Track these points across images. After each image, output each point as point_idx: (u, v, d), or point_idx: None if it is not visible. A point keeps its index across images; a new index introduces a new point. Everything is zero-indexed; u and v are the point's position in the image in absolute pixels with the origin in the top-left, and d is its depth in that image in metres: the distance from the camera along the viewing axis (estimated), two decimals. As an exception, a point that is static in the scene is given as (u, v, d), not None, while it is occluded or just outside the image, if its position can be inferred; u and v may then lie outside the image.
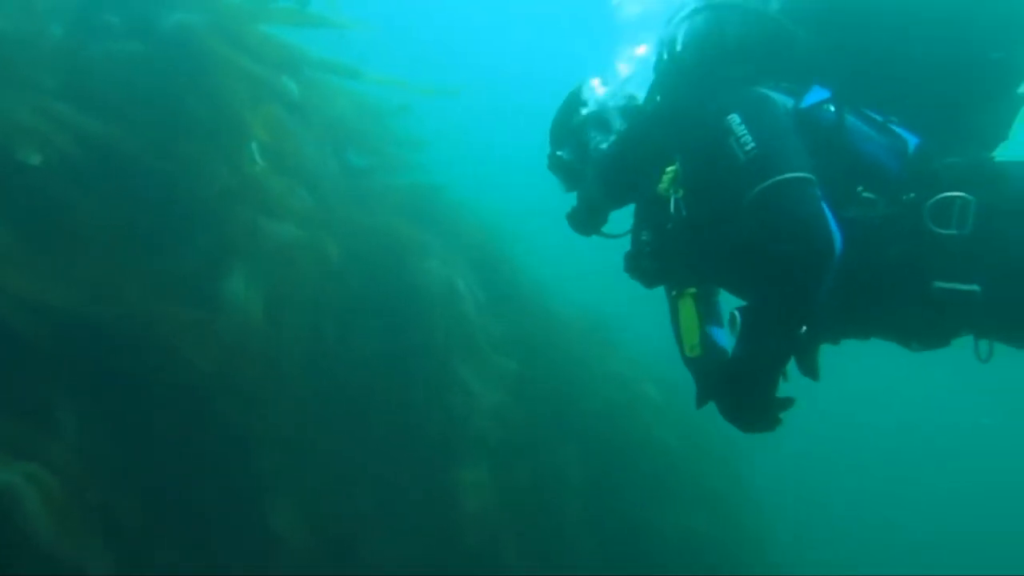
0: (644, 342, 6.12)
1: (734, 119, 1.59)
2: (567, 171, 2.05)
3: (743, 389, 1.55)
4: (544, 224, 5.00)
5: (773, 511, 7.80)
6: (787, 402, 1.57)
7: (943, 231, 1.55)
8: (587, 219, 2.00)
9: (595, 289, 6.84)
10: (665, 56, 1.81)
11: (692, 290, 1.74)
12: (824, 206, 1.49)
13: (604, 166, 1.95)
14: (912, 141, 1.65)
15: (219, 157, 3.91)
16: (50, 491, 2.35)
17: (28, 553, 2.28)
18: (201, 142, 3.77)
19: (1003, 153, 1.78)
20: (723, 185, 1.60)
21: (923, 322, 1.64)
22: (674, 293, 1.83)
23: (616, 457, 5.59)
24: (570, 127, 2.05)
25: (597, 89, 2.05)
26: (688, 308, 1.73)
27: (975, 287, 1.54)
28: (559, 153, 2.05)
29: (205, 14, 3.67)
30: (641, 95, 1.96)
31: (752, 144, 1.54)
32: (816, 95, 1.66)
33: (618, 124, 1.98)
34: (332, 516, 4.06)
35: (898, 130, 1.65)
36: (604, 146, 1.96)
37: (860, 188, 1.60)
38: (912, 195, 1.59)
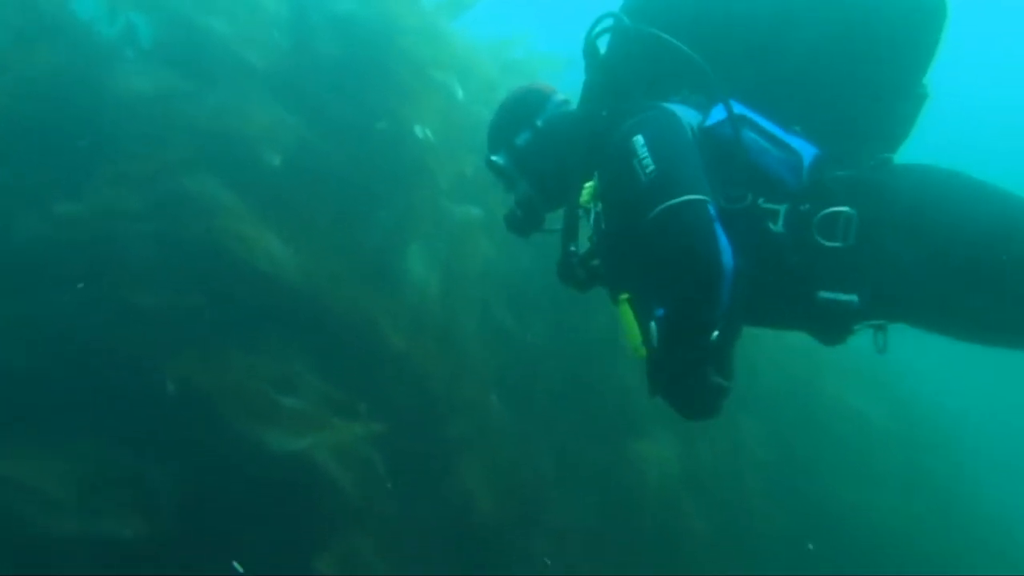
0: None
1: (638, 140, 1.71)
2: (502, 176, 2.16)
3: (674, 387, 1.70)
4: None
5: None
6: (724, 391, 1.69)
7: (829, 243, 1.70)
8: (523, 221, 2.13)
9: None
10: (587, 71, 1.95)
11: (626, 295, 1.79)
12: (717, 227, 1.62)
13: (534, 174, 2.09)
14: (809, 153, 1.76)
15: (399, 143, 4.44)
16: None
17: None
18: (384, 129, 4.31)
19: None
20: (629, 204, 1.72)
21: (813, 325, 1.80)
22: (611, 301, 1.88)
23: (804, 433, 5.39)
24: (509, 135, 2.14)
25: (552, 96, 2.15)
26: (626, 313, 1.77)
27: (853, 297, 1.69)
28: (494, 158, 2.15)
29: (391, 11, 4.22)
30: (575, 102, 2.06)
31: (652, 166, 1.67)
32: (721, 111, 1.76)
33: (551, 132, 2.09)
34: (517, 479, 4.37)
35: (796, 142, 1.77)
36: (535, 155, 2.10)
37: (761, 200, 1.73)
38: (807, 206, 1.72)
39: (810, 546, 4.76)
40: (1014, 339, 1.78)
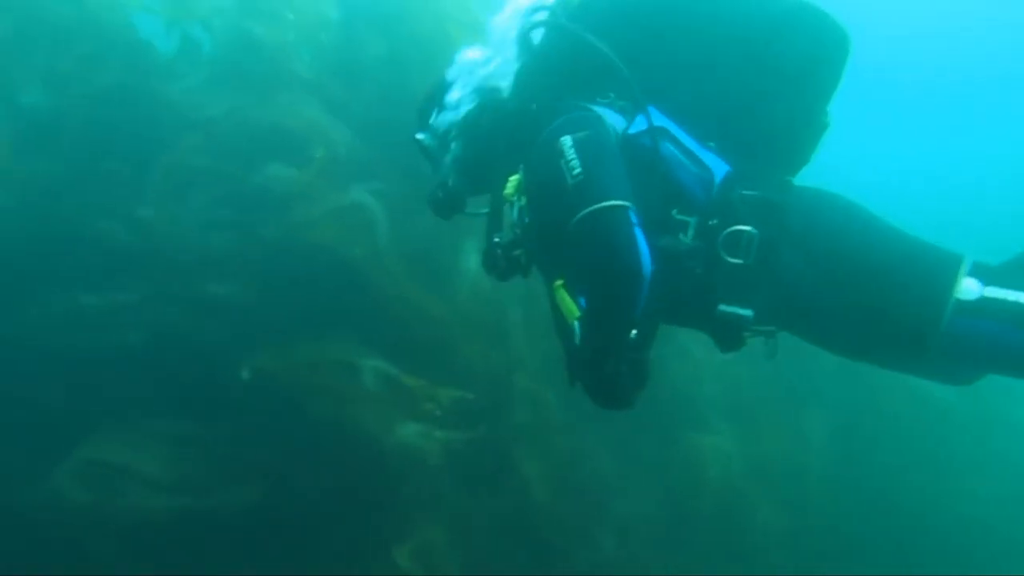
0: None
1: (566, 141, 1.75)
2: (427, 155, 2.17)
3: (592, 378, 1.76)
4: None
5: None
6: (639, 384, 1.76)
7: (732, 260, 1.79)
8: (444, 203, 2.12)
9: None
10: (519, 59, 1.99)
11: (560, 281, 1.82)
12: (637, 232, 1.68)
13: (458, 158, 2.08)
14: (720, 170, 1.84)
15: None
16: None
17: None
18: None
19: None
20: (555, 205, 1.76)
21: (712, 333, 1.88)
22: (547, 287, 1.91)
23: (868, 417, 5.28)
24: (429, 113, 2.14)
25: (472, 73, 2.12)
26: (564, 297, 1.80)
27: (749, 312, 1.79)
28: (419, 136, 2.15)
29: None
30: (505, 88, 2.07)
31: (579, 169, 1.71)
32: (642, 121, 1.82)
33: (478, 117, 2.07)
34: (576, 470, 4.35)
35: (709, 158, 1.84)
36: (460, 139, 2.08)
37: (674, 211, 1.81)
38: (715, 222, 1.80)
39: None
40: (884, 358, 1.94)
